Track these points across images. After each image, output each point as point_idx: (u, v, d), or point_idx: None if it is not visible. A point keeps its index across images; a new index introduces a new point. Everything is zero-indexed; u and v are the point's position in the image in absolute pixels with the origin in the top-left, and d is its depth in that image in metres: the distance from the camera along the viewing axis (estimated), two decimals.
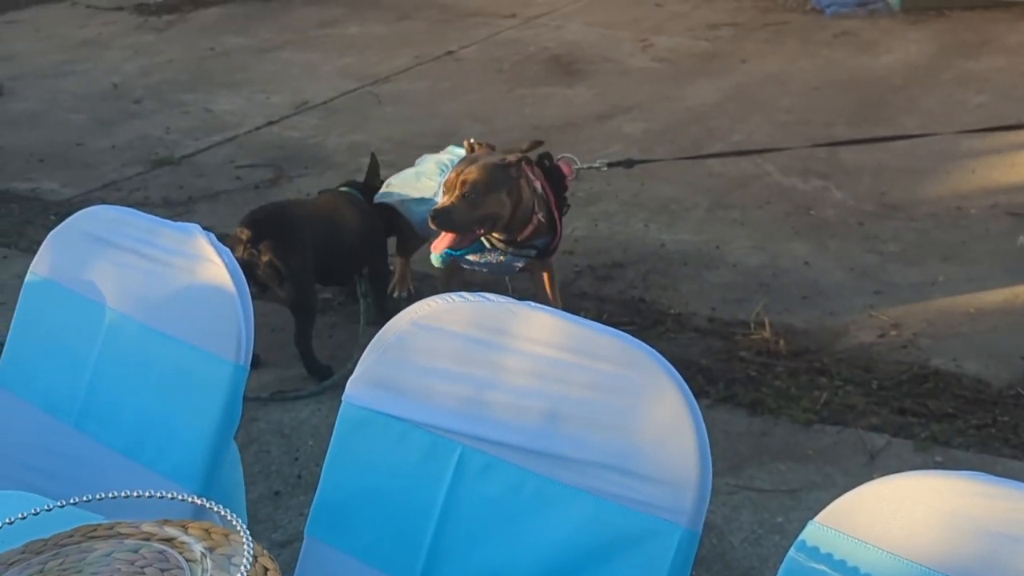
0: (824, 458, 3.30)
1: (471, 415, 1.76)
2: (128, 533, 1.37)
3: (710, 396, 3.56)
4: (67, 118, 6.46)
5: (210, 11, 8.69)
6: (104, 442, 2.08)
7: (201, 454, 1.95)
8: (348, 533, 1.85)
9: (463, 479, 1.75)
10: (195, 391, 1.98)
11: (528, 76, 6.77)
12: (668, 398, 1.62)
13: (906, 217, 4.71)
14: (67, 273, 2.22)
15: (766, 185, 5.08)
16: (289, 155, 5.71)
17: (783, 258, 4.43)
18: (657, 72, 6.75)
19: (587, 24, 7.79)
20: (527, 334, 1.74)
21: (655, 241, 4.60)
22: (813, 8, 7.79)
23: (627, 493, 1.62)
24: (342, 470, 1.87)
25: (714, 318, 4.04)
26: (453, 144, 4.16)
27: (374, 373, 1.85)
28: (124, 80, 7.09)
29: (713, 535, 3.00)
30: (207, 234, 2.06)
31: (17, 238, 4.91)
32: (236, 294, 1.97)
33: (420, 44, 7.50)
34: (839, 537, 1.45)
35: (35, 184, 5.53)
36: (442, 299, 1.83)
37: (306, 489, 3.16)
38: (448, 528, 1.75)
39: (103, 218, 2.23)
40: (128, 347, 2.09)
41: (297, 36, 7.91)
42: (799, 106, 6.03)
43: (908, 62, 6.66)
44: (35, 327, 2.26)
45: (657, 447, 1.61)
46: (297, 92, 6.68)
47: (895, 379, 3.64)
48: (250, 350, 1.97)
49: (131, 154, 5.85)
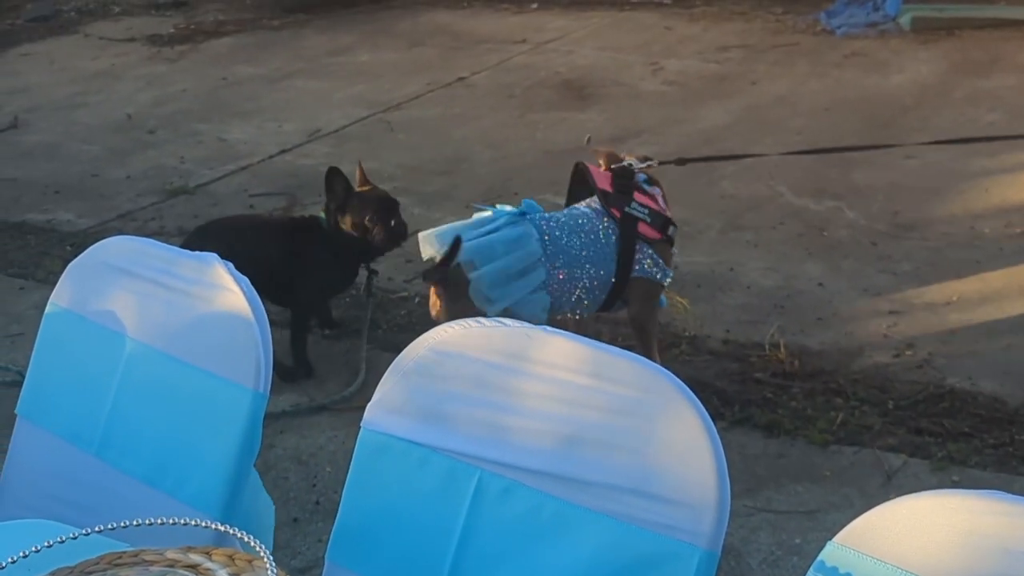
0: (841, 479, 3.30)
1: (489, 440, 1.77)
2: (153, 560, 1.38)
3: (726, 418, 3.57)
4: (82, 149, 6.49)
5: (222, 41, 8.74)
6: (125, 470, 2.09)
7: (222, 481, 1.96)
8: (368, 558, 1.85)
9: (482, 503, 1.76)
10: (215, 419, 1.99)
11: (539, 101, 6.80)
12: (685, 420, 1.62)
13: (920, 237, 4.71)
14: (87, 303, 2.23)
15: (779, 206, 5.09)
16: (302, 183, 5.73)
17: (797, 279, 4.44)
18: (668, 95, 6.78)
19: (597, 49, 7.83)
20: (544, 358, 1.75)
21: None
22: (823, 29, 7.82)
23: (646, 515, 1.63)
24: (362, 495, 1.88)
25: (729, 340, 4.05)
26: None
27: (392, 399, 1.86)
28: (138, 111, 7.14)
29: (731, 557, 3.00)
30: (225, 263, 2.07)
31: (34, 269, 4.94)
32: (255, 321, 1.98)
33: (431, 71, 7.54)
34: (858, 557, 1.45)
35: (51, 215, 5.56)
36: (459, 324, 1.84)
37: (324, 516, 3.18)
38: (467, 552, 1.76)
39: (122, 249, 2.24)
40: (148, 376, 2.10)
41: (309, 64, 7.95)
42: (810, 127, 6.04)
43: (919, 81, 6.68)
44: (56, 357, 2.27)
45: (675, 469, 1.62)
46: (309, 120, 6.71)
47: (911, 399, 3.64)
48: (269, 377, 1.98)
49: (146, 184, 5.88)
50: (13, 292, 4.75)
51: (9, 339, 4.27)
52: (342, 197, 3.94)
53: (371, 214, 3.93)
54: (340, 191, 3.95)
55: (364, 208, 3.94)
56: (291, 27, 8.99)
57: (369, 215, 3.93)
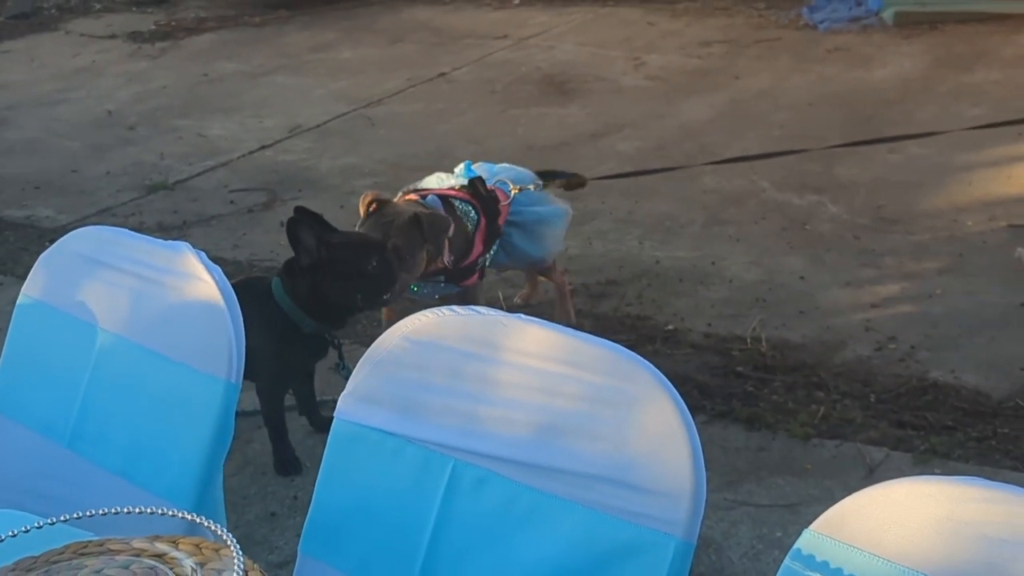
0: (823, 472, 3.28)
1: (463, 429, 1.75)
2: (118, 549, 1.35)
3: (707, 412, 3.55)
4: (62, 145, 6.46)
5: (203, 37, 8.71)
6: (97, 462, 2.07)
7: (194, 472, 1.93)
8: (341, 550, 1.84)
9: (456, 493, 1.74)
10: (187, 409, 1.97)
11: (521, 96, 6.78)
12: (661, 408, 1.61)
13: (903, 231, 4.70)
14: (58, 294, 2.21)
15: (761, 201, 5.08)
16: (283, 178, 5.71)
17: (779, 273, 4.43)
18: (650, 90, 6.76)
19: (579, 44, 7.81)
20: (518, 347, 1.74)
21: (650, 258, 4.59)
22: (806, 24, 7.81)
23: (621, 504, 1.61)
24: (334, 486, 1.86)
25: (710, 334, 4.03)
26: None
27: (365, 388, 1.84)
28: (118, 107, 7.10)
29: (712, 551, 2.98)
30: (197, 252, 2.05)
31: (12, 265, 4.90)
32: (227, 311, 1.96)
33: (413, 67, 7.51)
34: (835, 545, 1.43)
35: (30, 211, 5.52)
36: (432, 313, 1.82)
37: (302, 510, 3.12)
38: (442, 543, 1.74)
39: (94, 239, 2.22)
40: (120, 367, 2.08)
41: (290, 61, 7.93)
42: (793, 121, 6.03)
43: (902, 76, 6.67)
44: (27, 349, 2.25)
45: (651, 458, 1.60)
46: (290, 116, 6.68)
47: (893, 392, 3.63)
48: (241, 367, 1.95)
49: (126, 180, 5.85)
50: None
51: None
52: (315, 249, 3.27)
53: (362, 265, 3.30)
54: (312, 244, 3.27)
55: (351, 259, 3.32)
56: (272, 24, 8.96)
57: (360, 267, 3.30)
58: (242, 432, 3.54)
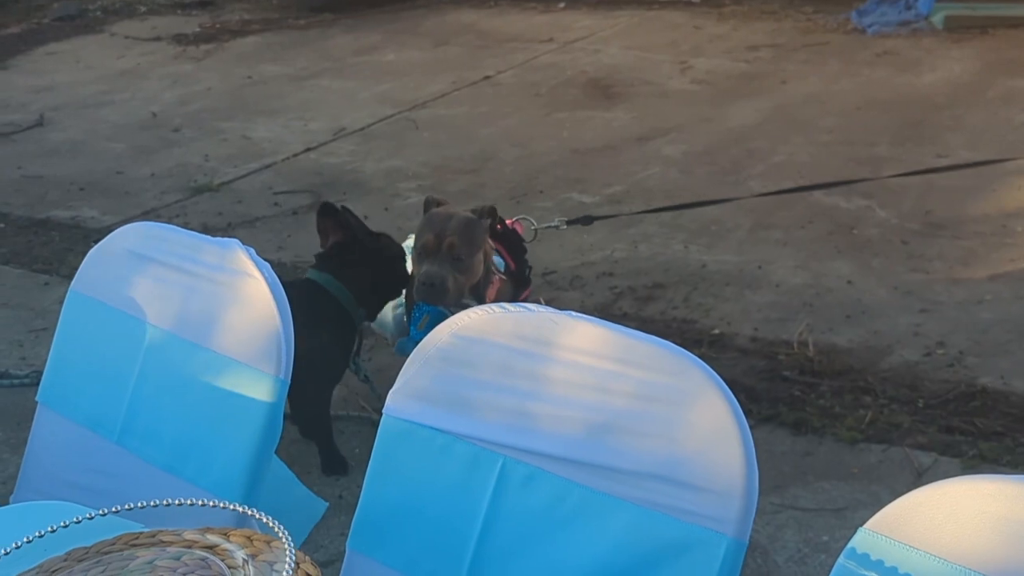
0: (870, 476, 3.25)
1: (513, 426, 1.74)
2: (170, 541, 1.35)
3: (753, 416, 3.53)
4: (107, 147, 6.50)
5: (248, 40, 8.75)
6: (146, 458, 2.07)
7: (243, 468, 1.93)
8: (390, 546, 1.83)
9: (505, 491, 1.73)
10: (236, 405, 1.96)
11: (566, 100, 6.77)
12: (713, 405, 1.59)
13: (951, 235, 4.66)
14: (107, 290, 2.21)
15: (808, 205, 5.04)
16: (327, 181, 5.72)
17: (826, 277, 4.40)
18: (696, 94, 6.74)
19: (625, 47, 7.79)
20: (569, 344, 1.72)
21: (696, 262, 4.57)
22: (854, 28, 7.76)
23: (672, 502, 1.60)
24: (383, 483, 1.85)
25: (757, 338, 4.01)
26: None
27: (415, 385, 1.83)
28: (163, 109, 7.14)
29: (758, 554, 2.96)
30: (247, 249, 2.05)
31: (58, 265, 4.93)
32: (276, 308, 1.96)
33: (457, 70, 7.52)
34: (890, 544, 1.42)
35: (75, 212, 5.56)
36: (483, 310, 1.81)
37: (347, 510, 3.13)
38: (490, 540, 1.73)
39: (143, 235, 2.23)
40: (169, 362, 2.08)
41: (334, 64, 7.95)
42: (841, 126, 5.99)
43: (952, 80, 6.62)
44: (76, 344, 2.26)
45: (702, 455, 1.59)
46: (334, 119, 6.69)
47: (942, 397, 3.59)
48: (290, 364, 1.95)
49: (170, 182, 5.87)
50: (38, 287, 4.75)
51: (33, 334, 4.26)
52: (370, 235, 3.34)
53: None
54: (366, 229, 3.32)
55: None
56: (317, 27, 8.98)
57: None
58: (288, 432, 3.54)
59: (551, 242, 4.58)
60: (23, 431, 2.36)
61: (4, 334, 4.33)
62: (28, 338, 4.26)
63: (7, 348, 4.20)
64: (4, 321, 4.44)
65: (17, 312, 4.52)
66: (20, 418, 2.65)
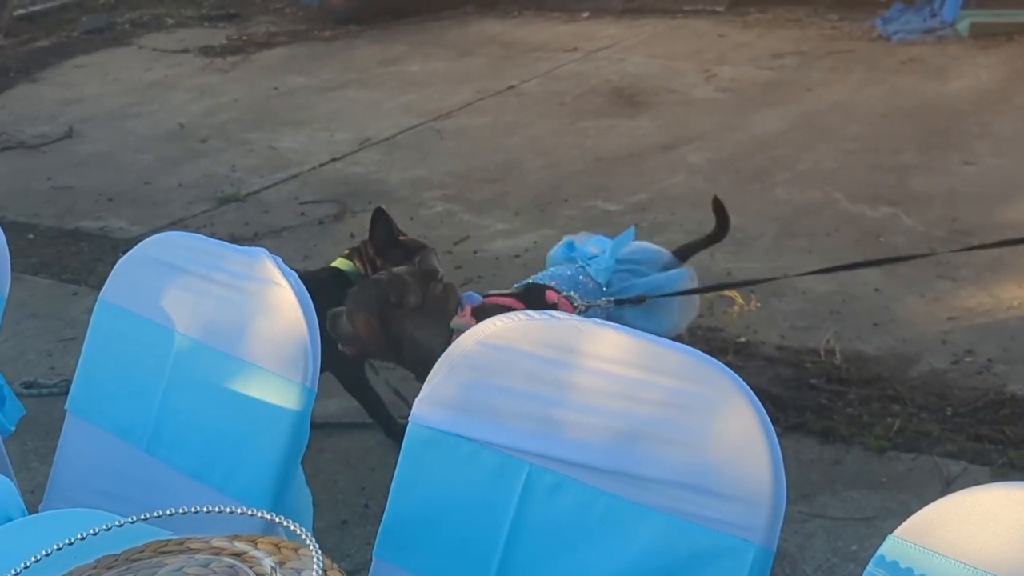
0: (899, 485, 3.24)
1: (539, 434, 1.74)
2: (198, 548, 1.36)
3: (780, 424, 3.51)
4: (135, 158, 6.53)
5: (274, 52, 8.77)
6: (175, 466, 2.08)
7: (270, 475, 1.94)
8: (416, 554, 1.83)
9: (531, 499, 1.73)
10: (264, 413, 1.97)
11: (590, 108, 6.77)
12: (740, 413, 1.59)
13: (979, 243, 4.63)
14: (135, 299, 2.22)
15: (834, 213, 5.03)
16: (353, 191, 5.73)
17: (853, 285, 4.38)
18: (721, 102, 6.72)
19: (649, 56, 7.79)
20: (595, 352, 1.72)
21: (721, 269, 4.56)
22: (879, 35, 7.74)
23: (699, 511, 1.59)
24: (410, 491, 1.85)
25: (783, 346, 3.99)
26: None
27: (441, 393, 1.84)
28: (190, 120, 7.17)
29: (786, 563, 2.95)
30: (274, 257, 2.05)
31: (87, 275, 4.96)
32: (303, 316, 1.96)
33: (482, 80, 7.52)
34: (920, 552, 1.41)
35: (104, 223, 5.59)
36: (509, 318, 1.81)
37: (373, 519, 3.15)
38: (517, 548, 1.73)
39: (171, 244, 2.24)
40: (197, 371, 2.09)
41: (359, 75, 7.96)
42: (866, 133, 5.97)
43: (978, 88, 6.59)
44: (105, 353, 2.27)
45: (729, 463, 1.58)
46: (360, 129, 6.71)
47: (970, 405, 3.57)
48: (317, 371, 1.96)
49: (197, 192, 5.90)
50: (66, 298, 4.78)
51: (62, 344, 4.28)
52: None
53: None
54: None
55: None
56: (342, 38, 9.01)
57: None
58: (313, 440, 3.51)
59: None
60: (52, 440, 2.37)
61: (34, 344, 4.35)
62: (57, 348, 4.28)
63: (36, 358, 4.22)
64: (34, 331, 4.46)
65: (46, 322, 4.54)
66: (49, 427, 2.66)
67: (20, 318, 4.54)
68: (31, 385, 3.96)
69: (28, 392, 3.89)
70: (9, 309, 2.47)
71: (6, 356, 4.16)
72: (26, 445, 3.45)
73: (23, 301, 4.70)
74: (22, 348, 4.32)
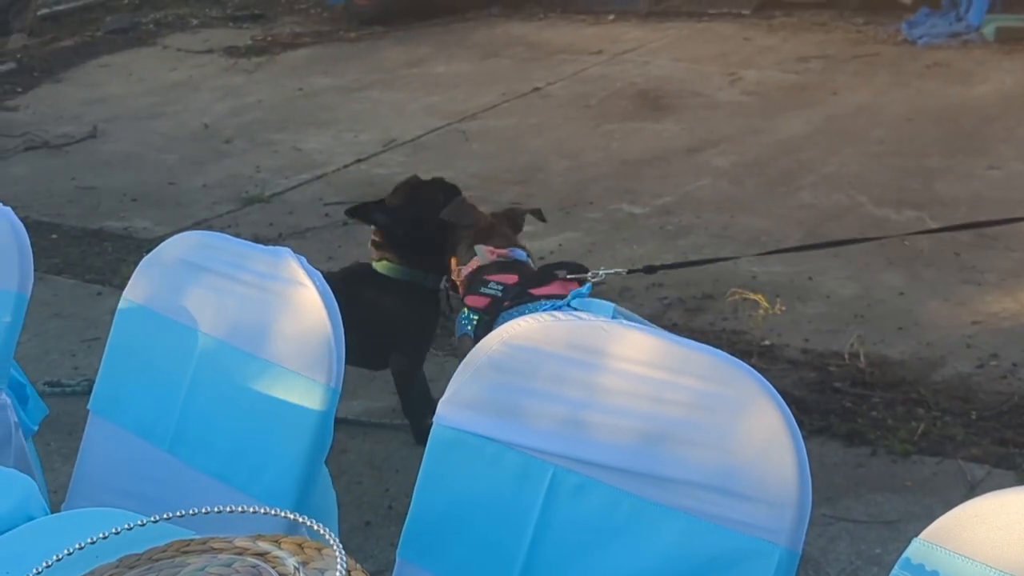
0: (923, 489, 3.22)
1: (564, 435, 1.73)
2: (221, 548, 1.35)
3: (804, 427, 3.47)
4: (159, 158, 6.55)
5: (299, 52, 8.79)
6: (197, 466, 2.08)
7: (294, 475, 1.94)
8: (440, 555, 1.82)
9: (556, 500, 1.72)
10: (287, 413, 1.97)
11: (615, 111, 6.76)
12: (765, 415, 1.58)
13: (1004, 247, 4.61)
14: (159, 299, 2.22)
15: (859, 216, 5.01)
16: (378, 192, 5.67)
17: (877, 289, 4.36)
18: (746, 105, 6.71)
19: (674, 59, 7.77)
20: (620, 353, 1.72)
21: (746, 273, 4.54)
22: (904, 39, 7.70)
23: (724, 513, 1.59)
24: (434, 491, 1.85)
25: (808, 349, 3.98)
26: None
27: (465, 394, 1.83)
28: (214, 121, 7.19)
29: (810, 567, 2.94)
30: (298, 257, 2.05)
31: (111, 275, 4.97)
32: (327, 316, 1.96)
33: (507, 81, 7.52)
34: (946, 555, 1.40)
35: (128, 223, 5.60)
36: (533, 318, 1.80)
37: (396, 520, 3.13)
38: (541, 549, 1.72)
39: (194, 244, 2.24)
40: (220, 371, 2.09)
41: (384, 76, 7.97)
42: (891, 137, 5.95)
43: (1003, 92, 6.55)
44: (128, 353, 2.27)
45: (755, 465, 1.58)
46: (385, 130, 6.72)
47: (995, 409, 3.56)
48: (341, 372, 1.95)
49: (222, 192, 5.91)
50: (91, 298, 4.79)
51: (86, 344, 4.29)
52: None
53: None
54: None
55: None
56: (367, 39, 9.02)
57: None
58: (337, 442, 3.51)
59: (602, 252, 4.58)
60: (75, 440, 2.37)
61: (57, 344, 4.37)
62: (81, 348, 4.29)
63: (60, 358, 4.24)
64: (57, 331, 4.48)
65: (70, 322, 4.56)
66: (72, 427, 2.67)
67: (44, 318, 4.55)
68: (54, 384, 3.97)
69: (52, 391, 3.90)
70: (33, 309, 2.48)
71: (30, 356, 4.17)
72: (49, 445, 3.46)
73: (47, 301, 4.72)
74: (45, 348, 4.33)
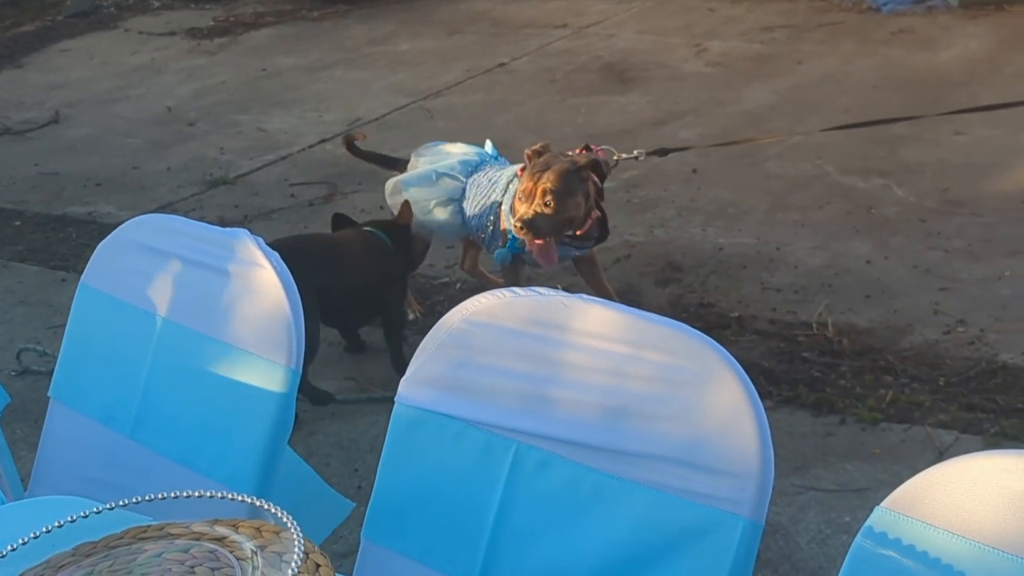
0: (891, 456, 3.23)
1: (526, 411, 1.73)
2: (178, 533, 1.34)
3: (773, 397, 3.51)
4: (122, 142, 6.49)
5: (261, 32, 8.72)
6: (160, 451, 2.07)
7: (256, 459, 1.92)
8: (404, 535, 1.82)
9: (519, 477, 1.72)
10: (248, 396, 1.96)
11: (581, 85, 6.73)
12: (727, 386, 1.58)
13: (970, 213, 4.62)
14: (116, 283, 2.20)
15: (826, 185, 5.01)
16: (343, 172, 5.69)
17: (845, 258, 4.37)
18: (712, 76, 6.69)
19: (639, 32, 7.75)
20: (581, 327, 1.71)
21: (713, 245, 4.54)
22: (869, 7, 7.69)
23: (688, 485, 1.58)
24: (397, 471, 1.84)
25: (776, 320, 3.98)
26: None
27: (427, 372, 1.82)
28: (178, 103, 7.13)
29: (779, 536, 2.94)
30: (255, 238, 2.04)
31: (75, 261, 4.93)
32: (286, 297, 1.95)
33: (471, 58, 7.49)
34: (908, 522, 1.40)
35: (92, 208, 5.56)
36: (493, 295, 1.79)
37: (366, 500, 3.11)
38: (506, 526, 1.72)
39: (151, 227, 2.22)
40: (180, 355, 2.07)
41: (348, 54, 7.92)
42: (857, 105, 5.94)
43: (968, 57, 6.56)
44: (87, 338, 2.25)
45: (717, 437, 1.57)
46: (350, 109, 6.67)
47: (962, 375, 3.57)
48: (301, 353, 1.94)
49: (186, 175, 5.87)
50: (55, 284, 4.75)
51: (51, 330, 4.26)
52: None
53: None
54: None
55: None
56: (331, 18, 8.95)
57: None
58: (305, 423, 3.54)
59: None
60: (41, 428, 2.35)
61: (22, 331, 4.33)
62: (47, 334, 4.26)
63: (26, 345, 4.20)
64: (23, 318, 4.45)
65: (35, 309, 4.53)
66: (38, 415, 2.65)
67: (8, 306, 4.52)
68: (23, 372, 3.95)
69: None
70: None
71: None
72: (15, 434, 3.43)
73: (11, 288, 4.69)
74: (11, 335, 4.30)
